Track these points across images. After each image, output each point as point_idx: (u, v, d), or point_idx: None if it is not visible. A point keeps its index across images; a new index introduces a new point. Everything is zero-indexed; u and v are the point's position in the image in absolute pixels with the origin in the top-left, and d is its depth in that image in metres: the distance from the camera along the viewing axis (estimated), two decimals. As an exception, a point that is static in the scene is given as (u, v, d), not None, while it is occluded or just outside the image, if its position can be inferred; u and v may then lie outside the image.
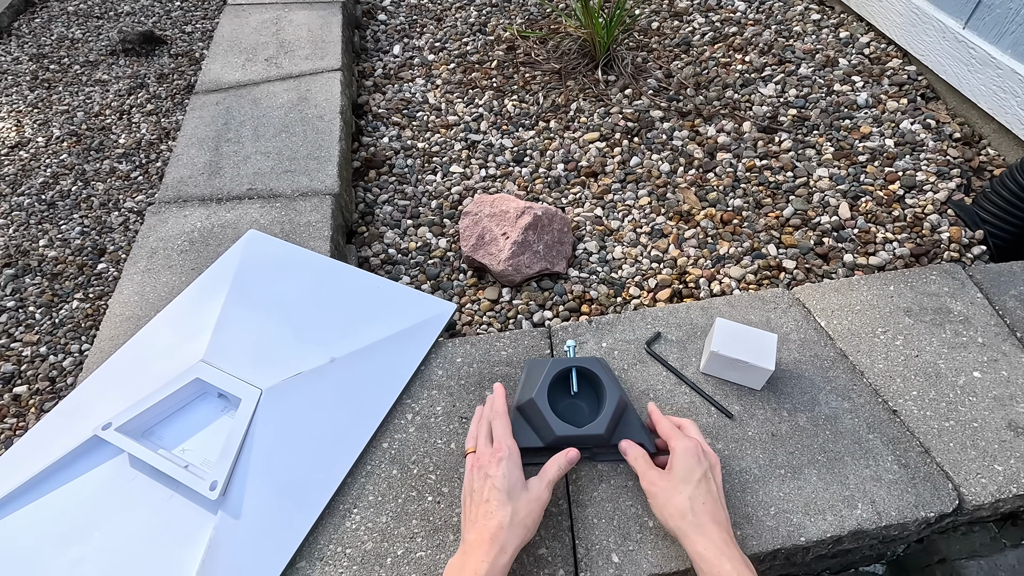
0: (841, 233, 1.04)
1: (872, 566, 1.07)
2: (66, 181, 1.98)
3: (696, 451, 0.58)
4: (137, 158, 2.03)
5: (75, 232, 1.81)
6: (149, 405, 0.66)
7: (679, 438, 0.59)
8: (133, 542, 0.58)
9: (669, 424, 0.62)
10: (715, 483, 0.57)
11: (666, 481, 0.56)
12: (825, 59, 1.36)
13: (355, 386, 0.69)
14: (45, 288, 1.65)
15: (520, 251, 0.98)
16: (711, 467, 0.58)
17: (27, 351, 1.51)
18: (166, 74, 2.40)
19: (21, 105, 2.34)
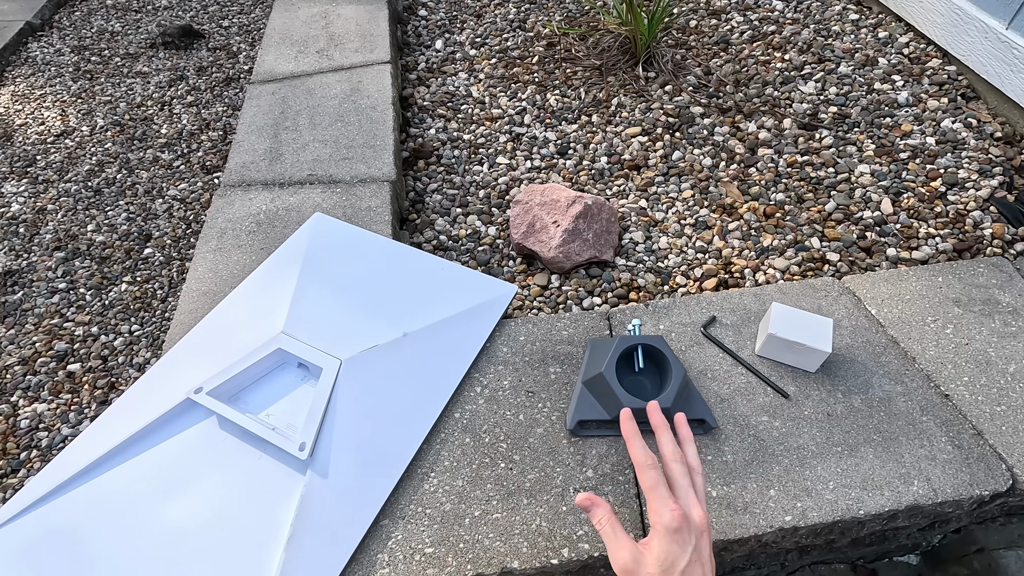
0: (884, 228, 1.06)
1: (907, 556, 1.09)
2: (111, 169, 2.04)
3: (681, 531, 0.47)
4: (179, 147, 2.08)
5: (121, 218, 1.86)
6: (235, 373, 0.69)
7: (661, 508, 0.48)
8: (227, 498, 0.62)
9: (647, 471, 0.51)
10: (703, 562, 0.47)
11: (643, 573, 0.47)
12: (864, 58, 1.38)
13: (427, 359, 0.73)
14: (94, 271, 1.71)
15: (570, 239, 1.01)
16: (698, 540, 0.48)
17: (79, 331, 1.57)
18: (205, 67, 2.46)
19: (65, 95, 2.41)
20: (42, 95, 2.43)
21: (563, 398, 0.72)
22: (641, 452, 0.53)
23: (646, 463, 0.52)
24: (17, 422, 1.39)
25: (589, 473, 0.66)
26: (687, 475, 0.52)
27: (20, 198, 1.97)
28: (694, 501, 0.50)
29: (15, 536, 0.59)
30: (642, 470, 0.52)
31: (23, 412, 1.41)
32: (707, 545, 0.48)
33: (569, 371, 0.75)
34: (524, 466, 0.66)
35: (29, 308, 1.63)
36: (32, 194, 1.98)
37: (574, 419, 0.67)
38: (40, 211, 1.92)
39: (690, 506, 0.49)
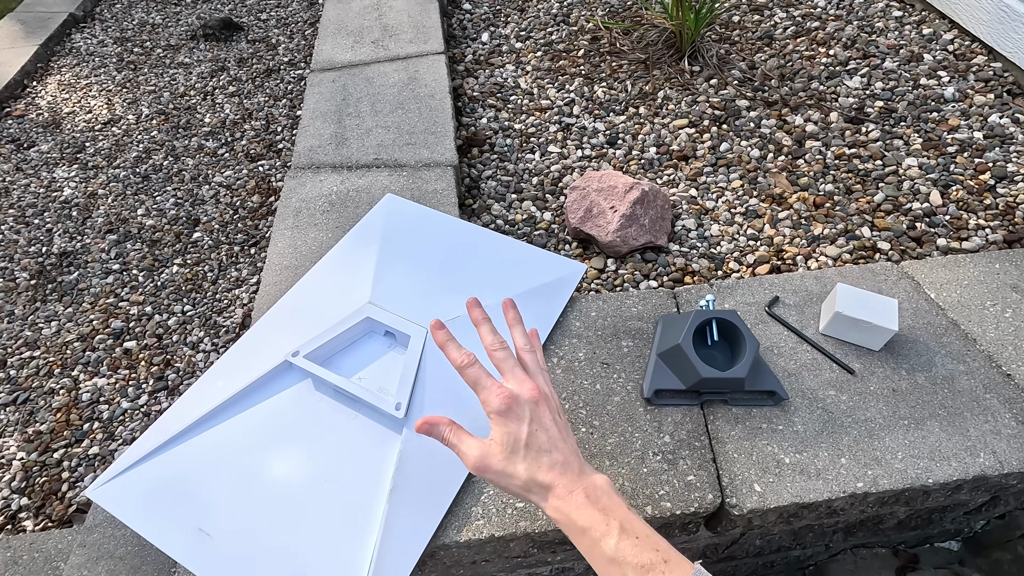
0: (933, 219, 1.08)
1: (948, 543, 1.12)
2: (157, 156, 2.10)
3: (511, 409, 0.48)
4: (223, 136, 2.14)
5: (169, 203, 1.92)
6: (328, 339, 0.73)
7: (488, 397, 0.49)
8: (328, 453, 0.66)
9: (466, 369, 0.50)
10: (544, 426, 0.48)
11: (495, 462, 0.47)
12: (909, 54, 1.40)
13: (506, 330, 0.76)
14: (146, 253, 1.77)
15: (628, 224, 1.04)
16: (533, 408, 0.48)
17: (134, 310, 1.62)
18: (245, 58, 2.51)
19: (110, 85, 2.47)
20: (87, 84, 2.49)
21: (636, 370, 0.75)
22: (456, 353, 0.51)
23: (462, 363, 0.50)
24: (79, 395, 1.45)
25: (666, 439, 0.69)
26: (511, 357, 0.52)
27: (72, 183, 2.03)
28: (521, 377, 0.50)
29: (135, 482, 0.64)
30: (462, 371, 0.50)
31: (84, 386, 1.47)
32: (546, 411, 0.49)
33: (641, 345, 0.78)
34: (604, 431, 0.70)
35: (85, 288, 1.69)
36: (83, 179, 2.05)
37: (651, 388, 0.71)
38: (91, 195, 1.98)
39: (519, 382, 0.49)
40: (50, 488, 1.30)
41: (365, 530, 0.60)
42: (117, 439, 1.37)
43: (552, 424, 0.48)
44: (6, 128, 2.28)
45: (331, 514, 0.61)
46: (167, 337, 1.55)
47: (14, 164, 2.12)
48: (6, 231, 1.88)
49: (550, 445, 0.47)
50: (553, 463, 0.47)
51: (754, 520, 0.66)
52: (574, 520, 0.45)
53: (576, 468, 0.47)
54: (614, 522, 0.44)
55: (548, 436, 0.48)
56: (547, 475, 0.47)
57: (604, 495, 0.46)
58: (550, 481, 0.46)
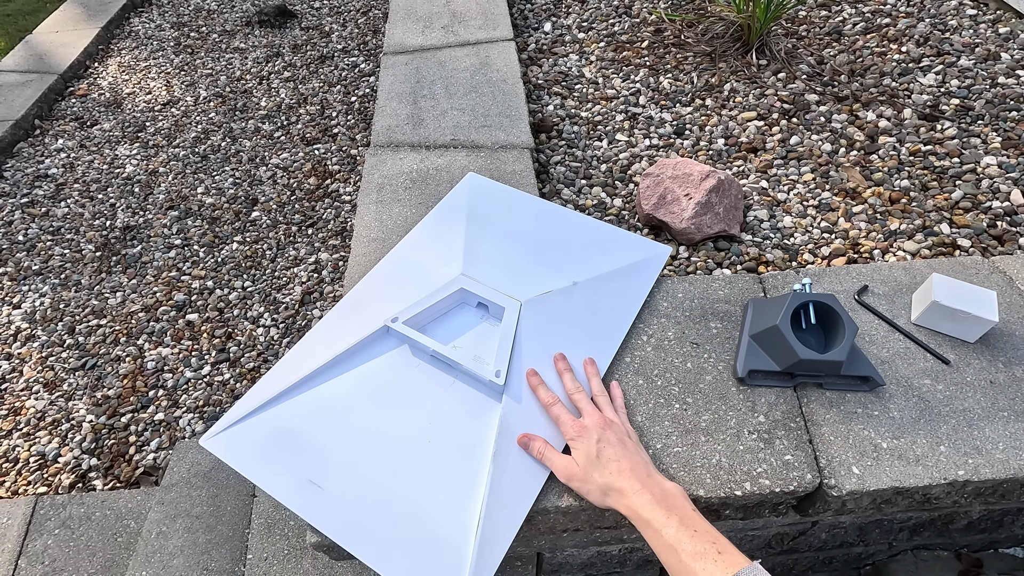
0: (1015, 218, 1.06)
1: (1013, 549, 1.10)
2: (215, 137, 2.15)
3: (582, 435, 0.62)
4: (278, 119, 2.19)
5: (228, 183, 1.97)
6: (424, 307, 0.75)
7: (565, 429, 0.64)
8: (432, 415, 0.68)
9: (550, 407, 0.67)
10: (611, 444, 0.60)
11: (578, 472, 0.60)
12: (986, 53, 1.37)
13: (597, 306, 0.77)
14: (206, 230, 1.82)
15: (703, 211, 1.04)
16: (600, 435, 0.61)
17: (196, 284, 1.67)
18: (299, 45, 2.56)
19: (168, 68, 2.54)
20: (147, 67, 2.56)
21: (726, 351, 0.76)
22: (544, 394, 0.67)
23: (548, 402, 0.67)
24: (144, 363, 1.50)
25: (761, 419, 0.69)
26: (585, 397, 0.67)
27: (133, 160, 2.10)
28: (592, 411, 0.64)
29: (247, 433, 0.66)
30: (548, 409, 0.66)
31: (149, 355, 1.52)
32: (612, 434, 0.61)
33: (729, 327, 0.78)
34: (698, 408, 0.70)
35: (148, 261, 1.75)
36: (144, 157, 2.11)
37: (745, 367, 0.71)
38: (152, 173, 2.04)
39: (590, 416, 0.64)
40: (118, 450, 1.35)
41: (472, 490, 0.61)
42: (181, 407, 1.41)
43: (618, 442, 0.61)
44: (70, 107, 2.36)
45: (439, 472, 0.63)
46: (228, 311, 1.59)
47: (78, 141, 2.19)
48: (72, 204, 1.95)
49: (617, 456, 0.59)
50: (621, 469, 0.58)
51: (848, 503, 0.66)
52: (640, 514, 0.55)
53: (644, 473, 0.58)
54: (674, 516, 0.53)
55: (615, 451, 0.60)
56: (617, 479, 0.57)
57: (671, 498, 0.55)
58: (621, 485, 0.57)
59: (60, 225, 1.88)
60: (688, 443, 0.67)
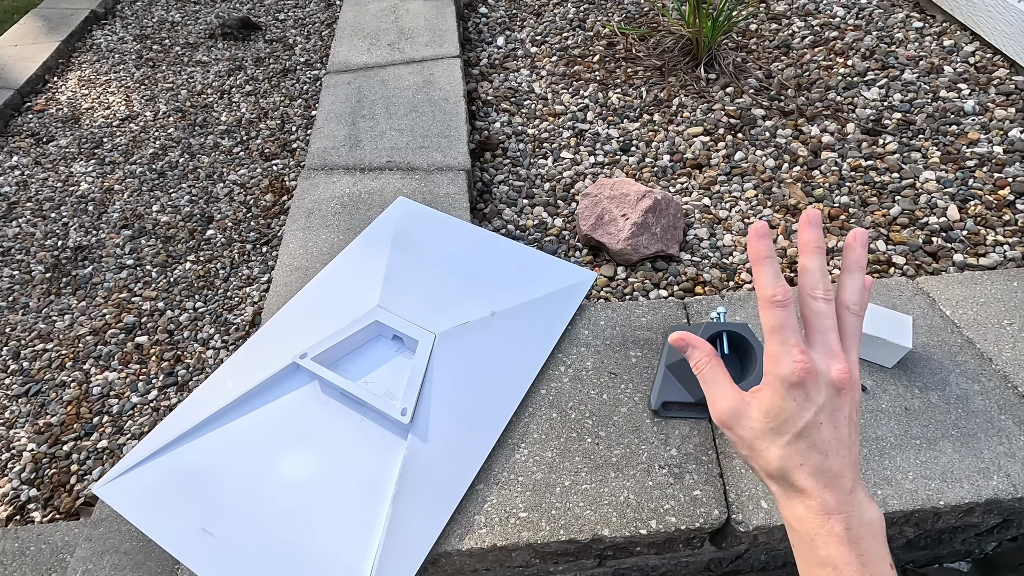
0: (950, 234, 1.06)
1: (958, 564, 1.10)
2: (174, 153, 2.12)
3: (803, 385, 0.36)
4: (238, 135, 2.16)
5: (184, 200, 1.94)
6: (336, 341, 0.74)
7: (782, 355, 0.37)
8: (333, 456, 0.66)
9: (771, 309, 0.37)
10: (836, 424, 0.37)
11: (744, 427, 0.39)
12: (929, 66, 1.38)
13: (515, 337, 0.76)
14: (160, 249, 1.78)
15: (639, 232, 1.04)
16: (830, 399, 0.36)
17: (147, 305, 1.64)
18: (262, 58, 2.54)
19: (129, 81, 2.51)
20: (107, 81, 2.53)
21: (644, 381, 0.75)
22: (769, 281, 0.38)
23: (773, 296, 0.37)
24: (90, 389, 1.47)
25: (673, 452, 0.69)
26: (830, 315, 0.38)
27: (89, 178, 2.06)
28: (835, 350, 0.37)
29: (141, 480, 0.64)
30: (765, 306, 0.38)
31: (95, 380, 1.48)
32: (847, 404, 0.37)
33: (649, 355, 0.77)
34: (610, 442, 0.69)
35: (99, 282, 1.71)
36: (100, 174, 2.08)
37: (659, 400, 0.70)
38: (108, 191, 2.01)
39: (829, 356, 0.37)
40: (59, 480, 1.32)
41: (369, 533, 0.60)
42: (126, 433, 1.38)
43: (846, 422, 0.37)
44: (27, 122, 2.32)
45: (335, 516, 0.61)
46: (178, 333, 1.56)
47: (33, 158, 2.15)
48: (23, 224, 1.91)
49: (830, 447, 0.37)
50: (822, 470, 0.36)
51: (760, 537, 0.66)
52: (817, 546, 0.36)
53: (848, 487, 0.37)
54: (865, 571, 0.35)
55: (835, 436, 0.37)
56: (807, 480, 0.37)
57: (869, 537, 0.36)
58: (807, 488, 0.37)
59: (11, 245, 1.84)
60: (597, 479, 0.66)
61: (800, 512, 0.37)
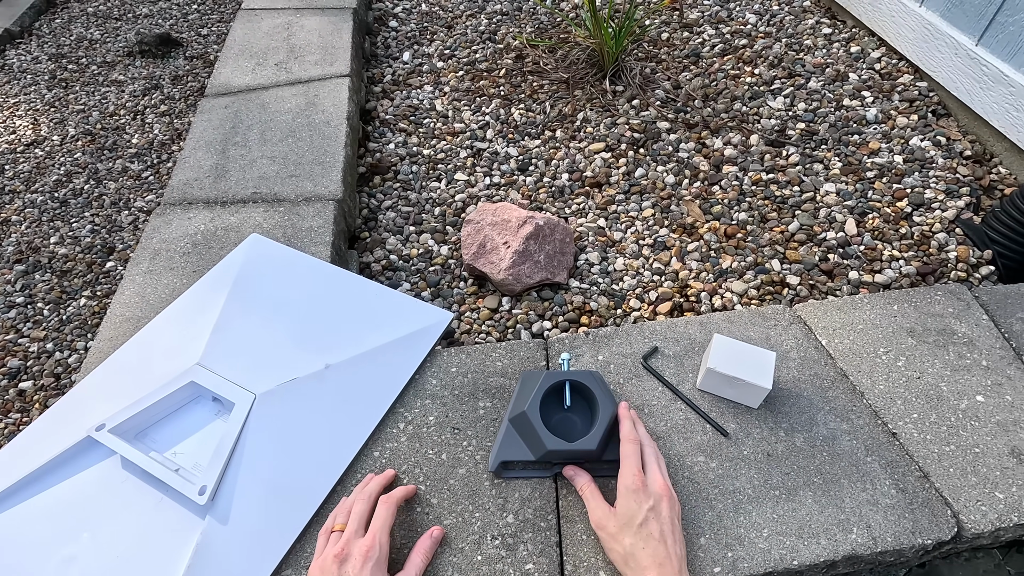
0: (847, 250, 1.03)
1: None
2: (79, 179, 2.01)
3: (638, 491, 0.56)
4: (149, 158, 2.06)
5: (86, 230, 1.83)
6: (143, 407, 0.66)
7: (624, 471, 0.58)
8: (122, 544, 0.59)
9: (628, 442, 0.61)
10: (660, 520, 0.54)
11: (611, 526, 0.56)
12: (835, 73, 1.35)
13: (349, 393, 0.69)
14: (54, 285, 1.68)
15: (521, 260, 0.98)
16: (656, 503, 0.55)
17: (34, 347, 1.53)
18: (180, 76, 2.43)
19: (39, 104, 2.38)
20: (15, 103, 2.40)
21: (490, 435, 0.69)
22: (630, 429, 0.62)
23: (630, 438, 0.61)
24: (-37, 442, 1.35)
25: (510, 519, 0.62)
26: (656, 455, 0.61)
27: (-16, 209, 1.93)
28: (658, 474, 0.58)
29: None
30: (625, 442, 0.60)
31: (-30, 432, 1.37)
32: (667, 508, 0.55)
33: (499, 406, 0.71)
34: (441, 510, 0.63)
35: (-15, 323, 1.60)
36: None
37: (497, 460, 0.64)
38: (3, 222, 1.89)
39: (654, 475, 0.58)
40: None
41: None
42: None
43: (668, 522, 0.55)
44: (-76, 151, 2.18)
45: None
46: (66, 376, 1.46)
47: (-75, 189, 2.02)
48: (-94, 264, 1.78)
49: (661, 537, 0.53)
50: (655, 554, 0.52)
51: (604, 610, 0.59)
52: None
53: (676, 567, 0.52)
54: None
55: (660, 529, 0.54)
56: (647, 559, 0.52)
57: None
58: (647, 565, 0.52)
59: None
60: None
61: None
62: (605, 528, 0.56)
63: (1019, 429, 0.69)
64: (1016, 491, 0.64)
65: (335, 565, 0.52)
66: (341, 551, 0.52)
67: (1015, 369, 0.74)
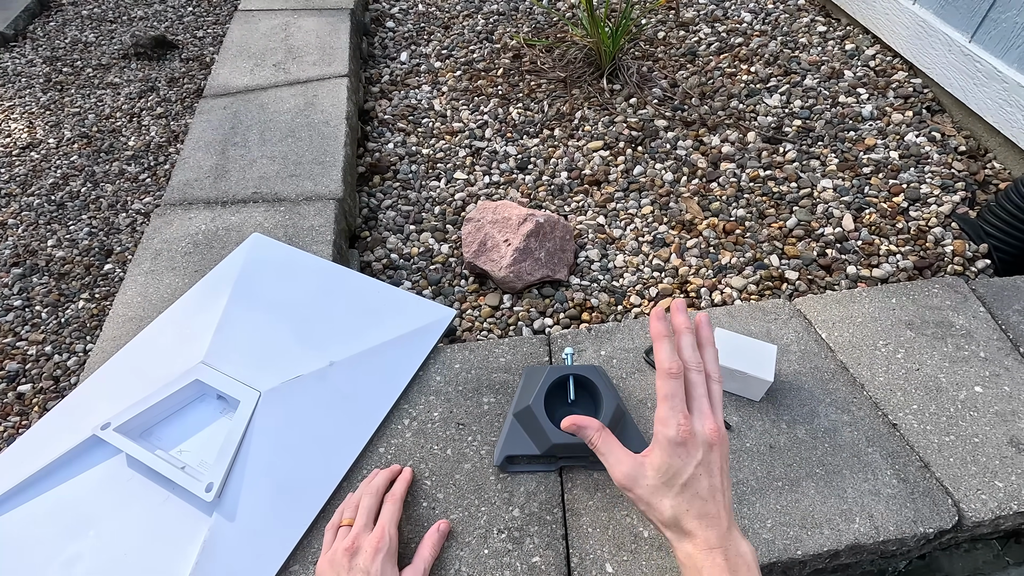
0: (844, 245, 1.03)
1: (872, 583, 1.06)
2: (76, 182, 2.00)
3: (683, 444, 0.46)
4: (146, 160, 2.05)
5: (83, 233, 1.82)
6: (148, 406, 0.66)
7: (665, 417, 0.47)
8: (128, 542, 0.59)
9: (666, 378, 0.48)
10: (711, 474, 0.46)
11: (643, 486, 0.47)
12: (831, 71, 1.36)
13: (353, 390, 0.70)
14: (52, 288, 1.67)
15: (522, 258, 0.98)
16: (706, 453, 0.46)
17: (32, 350, 1.52)
18: (177, 78, 2.43)
19: (34, 107, 2.38)
20: (10, 107, 2.39)
21: (494, 430, 0.69)
22: (666, 356, 0.48)
23: (669, 370, 0.48)
24: (-38, 446, 1.35)
25: (516, 512, 0.62)
26: (703, 384, 0.49)
27: (-19, 213, 1.92)
28: (707, 413, 0.48)
29: None
30: (663, 377, 0.48)
31: (-31, 435, 1.36)
32: (719, 458, 0.47)
33: (503, 401, 0.72)
34: (447, 505, 0.63)
35: (-18, 326, 1.59)
36: (-7, 208, 1.94)
37: (502, 454, 0.64)
38: (0, 226, 1.88)
39: (703, 418, 0.47)
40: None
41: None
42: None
43: (719, 473, 0.47)
44: (-82, 155, 2.17)
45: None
46: (65, 379, 1.45)
47: (-80, 193, 2.01)
48: (-96, 267, 1.77)
49: (708, 494, 0.46)
50: (703, 513, 0.46)
51: (610, 601, 0.60)
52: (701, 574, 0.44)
53: (724, 525, 0.46)
54: None
55: (711, 484, 0.46)
56: (693, 522, 0.45)
57: (744, 567, 0.44)
58: (693, 529, 0.45)
59: None
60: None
61: (689, 550, 0.45)
62: (634, 489, 0.47)
63: (1017, 419, 0.69)
64: (1015, 480, 0.65)
65: (345, 558, 0.52)
66: (351, 545, 0.53)
67: (1012, 360, 0.75)
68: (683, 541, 0.46)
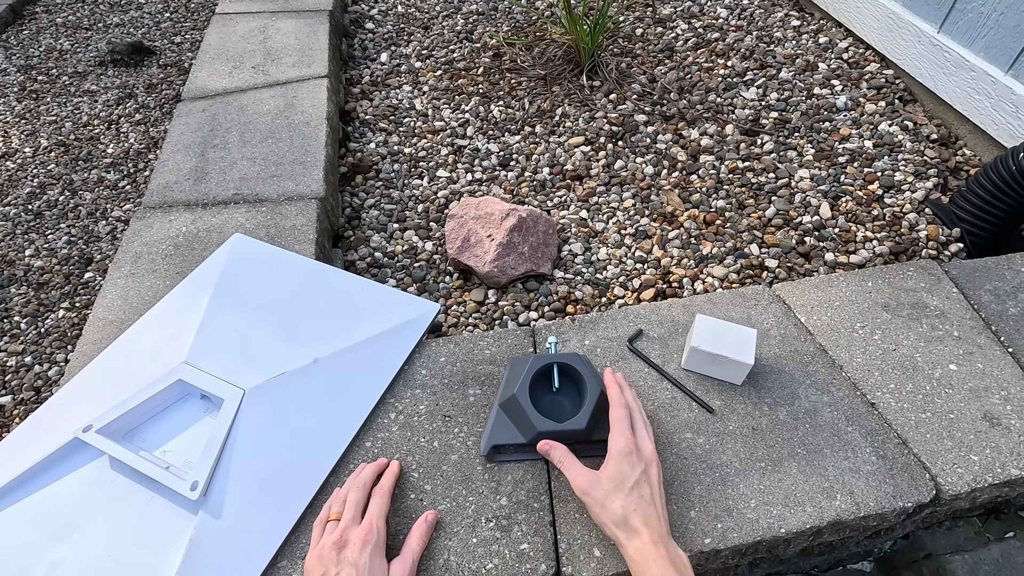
0: (822, 232, 1.05)
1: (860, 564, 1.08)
2: (53, 191, 1.97)
3: (630, 454, 0.57)
4: (125, 167, 2.03)
5: (62, 241, 1.80)
6: (131, 407, 0.65)
7: (616, 435, 0.59)
8: (113, 544, 0.58)
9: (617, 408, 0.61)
10: (651, 484, 0.56)
11: (599, 490, 0.56)
12: (805, 64, 1.38)
13: (339, 385, 0.70)
14: (31, 298, 1.64)
15: (505, 253, 0.99)
16: (647, 467, 0.57)
17: (12, 361, 1.50)
18: (155, 84, 2.40)
19: (8, 116, 2.34)
20: (-16, 117, 2.35)
21: (480, 422, 0.69)
22: (618, 395, 0.63)
23: (620, 403, 0.62)
24: (-59, 460, 1.32)
25: (503, 501, 0.63)
26: (644, 421, 0.62)
27: (-45, 225, 1.89)
28: (646, 437, 0.60)
29: None
30: (616, 407, 0.61)
31: (-52, 449, 1.34)
32: (656, 472, 0.57)
33: (489, 393, 0.72)
34: (435, 496, 0.63)
35: (-41, 339, 1.56)
36: (-32, 220, 1.91)
37: (488, 444, 0.65)
38: (-24, 237, 1.84)
39: (643, 440, 0.59)
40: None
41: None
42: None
43: (657, 485, 0.57)
44: None
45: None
46: (46, 390, 1.43)
47: None
48: None
49: (650, 500, 0.55)
50: (648, 515, 0.54)
51: (598, 586, 0.60)
52: (649, 566, 0.51)
53: (665, 530, 0.54)
54: None
55: (651, 492, 0.56)
56: (639, 521, 0.53)
57: (683, 565, 0.52)
58: (639, 527, 0.53)
59: None
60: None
61: (638, 544, 0.52)
62: (592, 493, 0.56)
63: (991, 395, 0.71)
64: (989, 453, 0.66)
65: (334, 552, 0.52)
66: (339, 538, 0.53)
67: (985, 338, 0.77)
68: (632, 538, 0.53)
